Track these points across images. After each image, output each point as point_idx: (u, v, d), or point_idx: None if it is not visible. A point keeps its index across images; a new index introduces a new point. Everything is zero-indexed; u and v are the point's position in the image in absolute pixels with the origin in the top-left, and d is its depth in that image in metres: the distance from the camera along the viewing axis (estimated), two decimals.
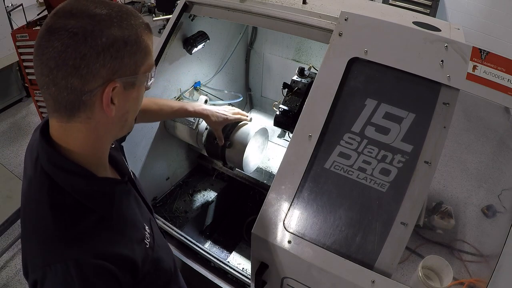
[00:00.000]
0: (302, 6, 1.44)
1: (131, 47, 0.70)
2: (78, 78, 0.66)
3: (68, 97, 0.68)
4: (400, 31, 1.18)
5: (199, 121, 1.76)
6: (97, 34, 0.66)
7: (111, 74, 0.69)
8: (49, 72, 0.66)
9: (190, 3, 1.65)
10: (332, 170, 1.15)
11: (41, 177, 0.73)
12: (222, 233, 2.02)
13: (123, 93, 0.72)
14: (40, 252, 0.70)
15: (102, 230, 0.74)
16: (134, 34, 0.70)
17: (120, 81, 0.70)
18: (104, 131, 0.76)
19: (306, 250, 1.09)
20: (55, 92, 0.68)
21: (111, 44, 0.67)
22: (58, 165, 0.73)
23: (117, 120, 0.76)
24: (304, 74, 1.64)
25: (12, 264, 2.59)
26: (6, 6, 3.85)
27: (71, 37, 0.64)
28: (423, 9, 4.02)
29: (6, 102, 4.18)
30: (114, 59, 0.68)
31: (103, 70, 0.67)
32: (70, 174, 0.73)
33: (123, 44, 0.68)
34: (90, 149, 0.76)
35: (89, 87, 0.68)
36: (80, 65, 0.65)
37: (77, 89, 0.67)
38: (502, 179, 2.44)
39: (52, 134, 0.75)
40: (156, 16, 5.79)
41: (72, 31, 0.65)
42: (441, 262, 1.73)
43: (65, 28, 0.65)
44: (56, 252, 0.68)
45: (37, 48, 0.67)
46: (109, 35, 0.67)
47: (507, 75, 1.07)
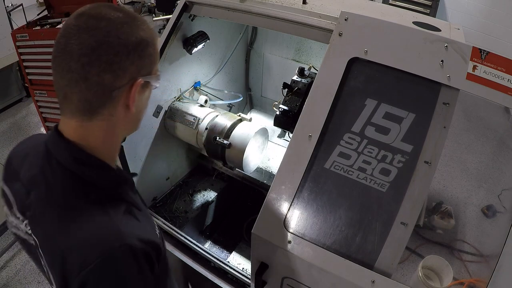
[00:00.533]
0: (302, 6, 1.44)
1: (150, 48, 0.76)
2: (111, 74, 0.70)
3: (97, 93, 0.71)
4: (400, 31, 1.18)
5: (199, 121, 1.76)
6: (129, 33, 0.72)
7: (137, 72, 0.74)
8: (81, 69, 0.69)
9: (190, 3, 1.65)
10: (332, 170, 1.15)
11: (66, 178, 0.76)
12: (222, 233, 2.02)
13: (141, 92, 0.78)
14: (90, 243, 0.71)
15: (133, 218, 0.78)
16: (151, 36, 0.77)
17: (142, 79, 0.76)
18: (122, 128, 0.80)
19: (306, 250, 1.09)
20: (84, 88, 0.70)
21: (139, 44, 0.73)
22: (87, 162, 0.76)
23: (134, 117, 0.81)
24: (304, 74, 1.64)
25: (12, 264, 2.59)
26: (6, 6, 3.85)
27: (105, 36, 0.69)
28: (423, 9, 4.02)
29: (6, 102, 4.18)
30: (140, 58, 0.74)
31: (131, 68, 0.73)
32: (98, 169, 0.77)
33: (146, 44, 0.75)
34: (108, 145, 0.80)
35: (119, 83, 0.72)
36: (114, 61, 0.70)
37: (108, 85, 0.71)
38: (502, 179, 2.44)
39: (70, 135, 0.77)
40: (156, 16, 5.80)
41: (106, 29, 0.69)
42: (441, 262, 1.73)
43: (99, 27, 0.69)
44: (110, 240, 0.71)
45: (63, 46, 0.70)
46: (137, 35, 0.73)
47: (507, 75, 1.07)
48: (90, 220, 0.72)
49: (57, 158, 0.77)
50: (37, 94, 3.36)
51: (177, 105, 1.84)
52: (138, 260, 0.72)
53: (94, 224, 0.72)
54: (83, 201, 0.74)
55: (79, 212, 0.73)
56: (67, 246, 0.72)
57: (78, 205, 0.74)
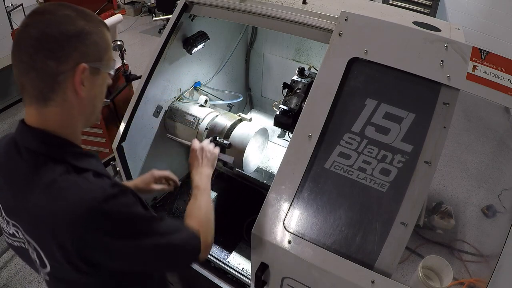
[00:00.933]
0: (302, 6, 1.44)
1: (95, 37, 0.83)
2: (54, 60, 0.77)
3: (45, 79, 0.78)
4: (400, 31, 1.17)
5: (199, 121, 1.76)
6: (68, 23, 0.79)
7: (80, 58, 0.80)
8: (27, 57, 0.77)
9: (190, 3, 1.65)
10: (332, 170, 1.15)
11: (38, 161, 0.82)
12: (222, 233, 2.02)
13: (91, 78, 0.84)
14: (74, 204, 0.78)
15: (105, 177, 0.86)
16: (96, 28, 0.84)
17: (88, 65, 0.81)
18: (78, 113, 0.86)
19: (306, 250, 1.09)
20: (34, 76, 0.78)
21: (79, 32, 0.80)
22: (53, 142, 0.83)
23: (88, 103, 0.87)
24: (304, 74, 1.64)
25: (12, 264, 2.59)
26: (6, 6, 3.85)
27: (47, 27, 0.77)
28: (423, 9, 4.02)
29: (6, 102, 4.18)
30: (83, 45, 0.80)
31: (74, 53, 0.79)
32: (64, 147, 0.85)
33: (88, 33, 0.81)
34: (68, 129, 0.86)
35: (63, 68, 0.79)
36: (56, 48, 0.77)
37: (53, 71, 0.78)
38: (502, 179, 2.44)
39: (32, 122, 0.84)
40: (156, 16, 5.80)
41: (47, 22, 0.78)
42: (441, 262, 1.73)
43: (41, 21, 0.78)
44: (93, 194, 0.78)
45: (16, 41, 0.78)
46: (77, 25, 0.80)
47: (507, 75, 1.07)
48: (68, 188, 0.79)
49: (25, 146, 0.84)
50: None
51: (177, 105, 1.84)
52: (121, 198, 0.81)
53: (74, 189, 0.79)
54: (58, 175, 0.80)
55: (57, 185, 0.79)
56: (53, 215, 0.79)
57: (54, 180, 0.79)
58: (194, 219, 1.05)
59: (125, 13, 6.94)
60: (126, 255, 0.84)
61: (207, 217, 1.08)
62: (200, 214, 1.08)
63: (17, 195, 0.85)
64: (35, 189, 0.81)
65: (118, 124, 1.68)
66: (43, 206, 0.80)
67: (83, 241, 0.79)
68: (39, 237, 0.86)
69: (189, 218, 1.06)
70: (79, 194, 0.78)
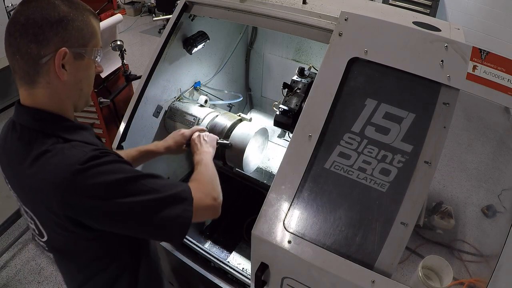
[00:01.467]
0: (302, 6, 1.44)
1: (79, 23, 0.87)
2: (36, 44, 0.82)
3: (29, 62, 0.83)
4: (400, 31, 1.17)
5: (199, 121, 1.76)
6: (51, 10, 0.83)
7: (62, 43, 0.84)
8: (14, 41, 0.82)
9: (190, 3, 1.65)
10: (332, 170, 1.15)
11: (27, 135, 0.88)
12: (222, 233, 2.02)
13: (74, 63, 0.88)
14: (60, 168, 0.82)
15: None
16: (81, 15, 0.88)
17: (70, 50, 0.85)
18: (65, 96, 0.90)
19: (306, 250, 1.09)
20: (19, 59, 0.83)
21: (62, 19, 0.84)
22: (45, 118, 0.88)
23: (72, 86, 0.90)
24: (304, 74, 1.64)
25: (12, 264, 2.59)
26: (6, 6, 3.85)
27: (32, 13, 0.82)
28: (423, 9, 4.02)
29: (6, 102, 4.18)
30: (64, 30, 0.84)
31: (55, 38, 0.83)
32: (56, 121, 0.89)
33: (71, 20, 0.85)
34: (56, 108, 0.90)
35: (44, 52, 0.83)
36: (38, 33, 0.82)
37: (35, 54, 0.83)
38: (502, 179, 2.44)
39: (25, 102, 0.89)
40: (156, 16, 5.80)
41: (33, 9, 0.82)
42: (441, 262, 1.73)
43: (28, 7, 0.83)
44: (79, 155, 0.83)
45: (7, 27, 0.84)
46: (60, 11, 0.84)
47: (507, 75, 1.07)
48: (54, 155, 0.84)
49: (20, 123, 0.89)
50: None
51: (177, 105, 1.84)
52: (102, 159, 0.84)
53: (59, 155, 0.83)
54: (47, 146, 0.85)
55: (45, 155, 0.84)
56: (41, 181, 0.83)
57: (44, 151, 0.84)
58: (194, 181, 1.06)
59: (125, 13, 6.94)
60: (112, 214, 0.85)
61: (209, 179, 1.09)
62: (201, 177, 1.10)
63: (15, 170, 0.90)
64: (27, 161, 0.85)
65: (118, 124, 1.68)
66: (33, 175, 0.85)
67: (69, 204, 0.83)
68: (34, 206, 0.92)
69: (190, 182, 1.05)
70: (62, 159, 0.83)
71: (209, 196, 1.00)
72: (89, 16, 0.90)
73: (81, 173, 0.81)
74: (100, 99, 2.63)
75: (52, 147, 0.85)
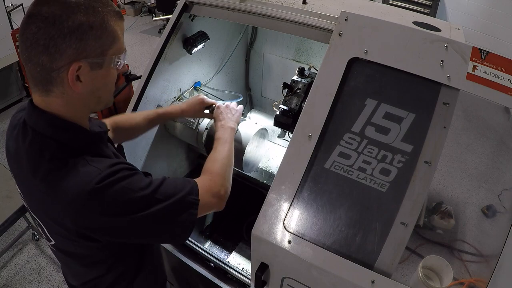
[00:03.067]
0: (302, 6, 1.44)
1: (96, 31, 0.78)
2: (47, 56, 0.76)
3: (40, 73, 0.78)
4: (400, 31, 1.17)
5: (199, 121, 1.76)
6: (64, 18, 0.75)
7: (77, 55, 0.77)
8: (25, 51, 0.77)
9: (190, 3, 1.65)
10: (332, 170, 1.15)
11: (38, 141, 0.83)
12: (222, 233, 2.02)
13: (90, 72, 0.81)
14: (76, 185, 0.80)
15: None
16: (99, 20, 0.79)
17: (85, 61, 0.79)
18: (80, 105, 0.86)
19: (306, 250, 1.09)
20: (31, 68, 0.78)
21: (77, 28, 0.76)
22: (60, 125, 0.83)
23: (88, 96, 0.85)
24: (304, 74, 1.64)
25: (12, 264, 2.59)
26: (6, 6, 3.85)
27: (42, 21, 0.74)
28: (423, 9, 4.02)
29: (6, 102, 4.18)
30: (80, 41, 0.77)
31: (69, 50, 0.76)
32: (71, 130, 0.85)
33: (88, 28, 0.77)
34: (71, 115, 0.86)
35: (56, 65, 0.77)
36: (49, 44, 0.75)
37: (46, 66, 0.77)
38: (502, 179, 2.43)
39: (39, 104, 0.84)
40: (156, 16, 5.80)
41: (44, 15, 0.74)
42: (441, 262, 1.72)
43: (40, 13, 0.75)
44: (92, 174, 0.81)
45: (20, 31, 0.78)
46: (74, 19, 0.76)
47: (507, 75, 1.07)
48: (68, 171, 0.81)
49: (32, 126, 0.84)
50: None
51: None
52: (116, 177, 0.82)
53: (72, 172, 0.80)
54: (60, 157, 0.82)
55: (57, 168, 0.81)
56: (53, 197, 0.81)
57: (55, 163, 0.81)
58: (206, 173, 1.07)
59: (125, 13, 6.94)
60: (126, 229, 0.85)
61: (221, 169, 1.10)
62: (213, 166, 1.11)
63: (24, 175, 0.88)
64: (39, 172, 0.82)
65: None
66: (46, 189, 0.82)
67: (84, 222, 0.82)
68: (42, 216, 0.90)
69: (203, 172, 1.08)
70: (77, 177, 0.80)
71: (217, 195, 1.03)
72: (111, 19, 0.81)
73: (97, 193, 0.79)
74: None
75: (66, 162, 0.81)
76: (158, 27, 6.44)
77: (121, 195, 0.82)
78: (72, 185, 0.80)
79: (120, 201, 0.82)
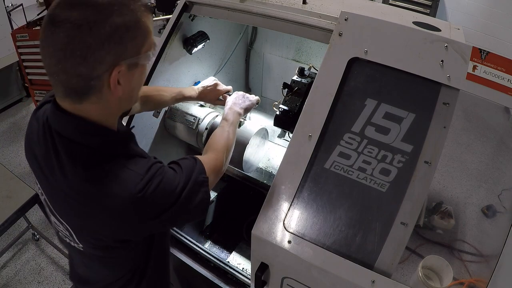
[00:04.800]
0: (302, 6, 1.44)
1: (133, 31, 0.75)
2: (86, 66, 0.71)
3: (78, 83, 0.73)
4: (400, 31, 1.17)
5: (199, 121, 1.76)
6: (100, 24, 0.70)
7: (116, 59, 0.74)
8: (58, 62, 0.71)
9: (190, 3, 1.65)
10: (332, 170, 1.15)
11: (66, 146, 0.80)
12: (222, 233, 2.02)
13: (128, 74, 0.78)
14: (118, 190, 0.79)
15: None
16: (134, 19, 0.75)
17: (124, 63, 0.75)
18: (114, 108, 0.84)
19: (306, 250, 1.09)
20: (65, 79, 0.73)
21: (114, 32, 0.71)
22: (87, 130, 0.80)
23: (126, 97, 0.83)
24: (304, 74, 1.64)
25: (12, 264, 2.59)
26: (6, 6, 3.85)
27: (76, 29, 0.68)
28: (423, 9, 4.02)
29: (6, 102, 4.18)
30: (118, 45, 0.73)
31: (108, 57, 0.72)
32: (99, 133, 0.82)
33: (125, 30, 0.73)
34: (104, 119, 0.83)
35: (96, 73, 0.73)
36: (87, 54, 0.70)
37: (86, 76, 0.72)
38: (502, 179, 2.43)
39: (66, 108, 0.80)
40: (156, 16, 5.79)
41: (76, 23, 0.68)
42: (441, 262, 1.72)
43: (69, 20, 0.68)
44: (133, 182, 0.80)
45: (44, 39, 0.71)
46: (111, 23, 0.71)
47: (507, 75, 1.07)
48: (105, 177, 0.79)
49: (57, 131, 0.80)
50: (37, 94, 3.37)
51: (177, 105, 1.84)
52: (154, 182, 0.82)
53: (110, 178, 0.79)
54: (98, 163, 0.79)
55: (92, 173, 0.79)
56: (91, 203, 0.79)
57: (89, 168, 0.79)
58: (213, 151, 1.12)
59: None
60: (161, 225, 0.88)
61: (225, 148, 1.15)
62: (219, 143, 1.16)
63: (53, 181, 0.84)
64: (72, 179, 0.80)
65: None
66: (81, 199, 0.80)
67: (124, 229, 0.82)
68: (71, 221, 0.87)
69: (208, 149, 1.13)
70: (117, 185, 0.78)
71: (220, 173, 1.08)
72: (142, 14, 0.76)
73: (140, 203, 0.79)
74: None
75: (101, 168, 0.79)
76: (158, 27, 6.43)
77: (161, 197, 0.84)
78: (113, 195, 0.78)
79: (161, 203, 0.84)
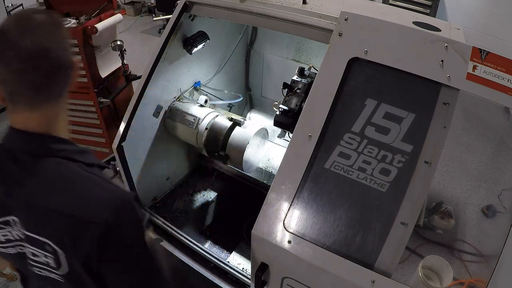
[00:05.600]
0: (302, 6, 1.44)
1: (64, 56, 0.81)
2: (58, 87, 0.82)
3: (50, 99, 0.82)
4: (400, 31, 1.17)
5: (199, 121, 1.76)
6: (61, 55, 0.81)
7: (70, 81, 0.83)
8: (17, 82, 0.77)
9: (190, 3, 1.65)
10: (332, 170, 1.15)
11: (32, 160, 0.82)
12: (222, 233, 2.02)
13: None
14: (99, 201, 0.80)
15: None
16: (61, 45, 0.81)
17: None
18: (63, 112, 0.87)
19: (306, 250, 1.09)
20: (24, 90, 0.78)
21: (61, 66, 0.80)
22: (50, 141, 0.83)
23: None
24: (304, 74, 1.64)
25: None
26: (6, 6, 3.85)
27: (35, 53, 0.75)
28: (423, 9, 4.02)
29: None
30: (69, 77, 0.83)
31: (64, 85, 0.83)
32: (63, 144, 0.85)
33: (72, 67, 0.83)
34: (57, 129, 0.86)
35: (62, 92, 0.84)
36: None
37: (56, 94, 0.82)
38: (502, 179, 2.44)
39: (22, 127, 0.82)
40: (156, 16, 5.79)
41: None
42: (441, 262, 1.72)
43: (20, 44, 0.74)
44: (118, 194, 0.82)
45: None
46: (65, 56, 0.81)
47: (507, 75, 1.07)
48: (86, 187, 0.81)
49: (22, 150, 0.81)
50: None
51: (177, 105, 1.84)
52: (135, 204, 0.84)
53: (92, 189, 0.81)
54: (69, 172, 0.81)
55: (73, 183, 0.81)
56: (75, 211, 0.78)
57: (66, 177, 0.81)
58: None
59: (125, 13, 6.93)
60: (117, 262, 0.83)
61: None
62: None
63: (15, 194, 0.82)
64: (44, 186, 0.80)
65: (118, 124, 1.68)
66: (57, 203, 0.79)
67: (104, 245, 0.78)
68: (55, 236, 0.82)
69: None
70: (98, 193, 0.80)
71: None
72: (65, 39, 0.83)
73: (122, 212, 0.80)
74: (100, 99, 2.63)
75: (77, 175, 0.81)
76: (158, 27, 6.43)
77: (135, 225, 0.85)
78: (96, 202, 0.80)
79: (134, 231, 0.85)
